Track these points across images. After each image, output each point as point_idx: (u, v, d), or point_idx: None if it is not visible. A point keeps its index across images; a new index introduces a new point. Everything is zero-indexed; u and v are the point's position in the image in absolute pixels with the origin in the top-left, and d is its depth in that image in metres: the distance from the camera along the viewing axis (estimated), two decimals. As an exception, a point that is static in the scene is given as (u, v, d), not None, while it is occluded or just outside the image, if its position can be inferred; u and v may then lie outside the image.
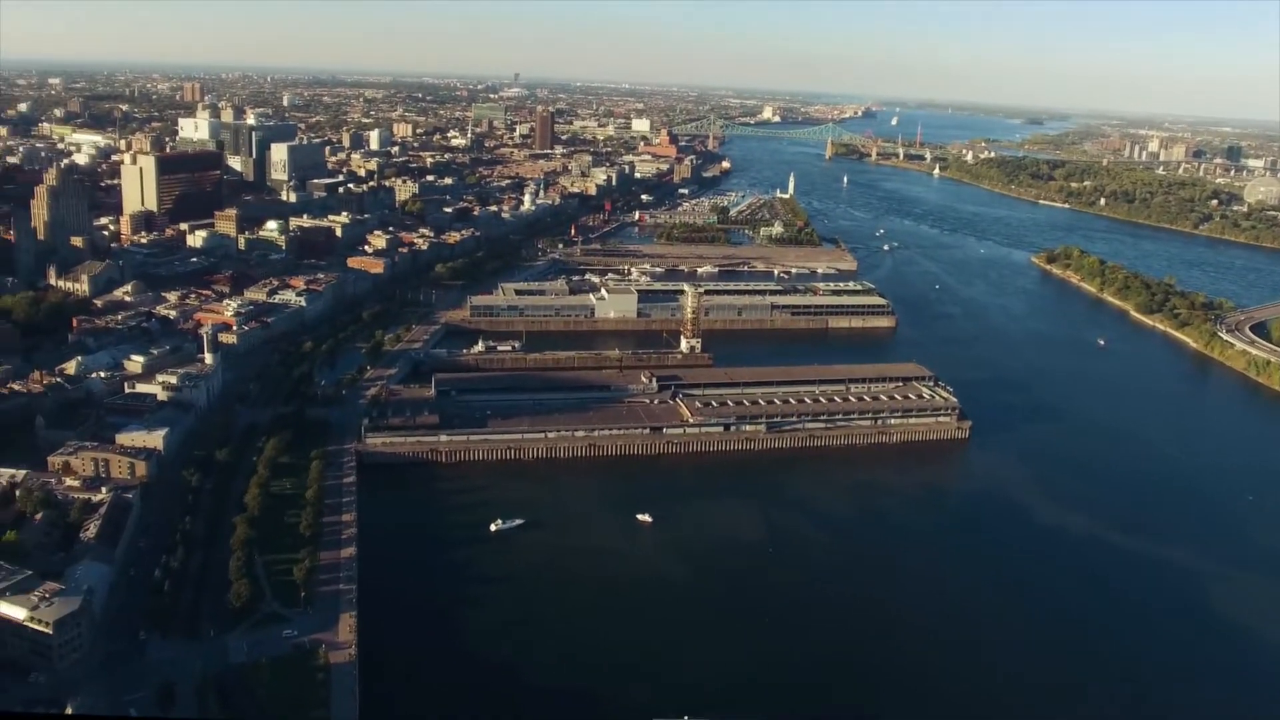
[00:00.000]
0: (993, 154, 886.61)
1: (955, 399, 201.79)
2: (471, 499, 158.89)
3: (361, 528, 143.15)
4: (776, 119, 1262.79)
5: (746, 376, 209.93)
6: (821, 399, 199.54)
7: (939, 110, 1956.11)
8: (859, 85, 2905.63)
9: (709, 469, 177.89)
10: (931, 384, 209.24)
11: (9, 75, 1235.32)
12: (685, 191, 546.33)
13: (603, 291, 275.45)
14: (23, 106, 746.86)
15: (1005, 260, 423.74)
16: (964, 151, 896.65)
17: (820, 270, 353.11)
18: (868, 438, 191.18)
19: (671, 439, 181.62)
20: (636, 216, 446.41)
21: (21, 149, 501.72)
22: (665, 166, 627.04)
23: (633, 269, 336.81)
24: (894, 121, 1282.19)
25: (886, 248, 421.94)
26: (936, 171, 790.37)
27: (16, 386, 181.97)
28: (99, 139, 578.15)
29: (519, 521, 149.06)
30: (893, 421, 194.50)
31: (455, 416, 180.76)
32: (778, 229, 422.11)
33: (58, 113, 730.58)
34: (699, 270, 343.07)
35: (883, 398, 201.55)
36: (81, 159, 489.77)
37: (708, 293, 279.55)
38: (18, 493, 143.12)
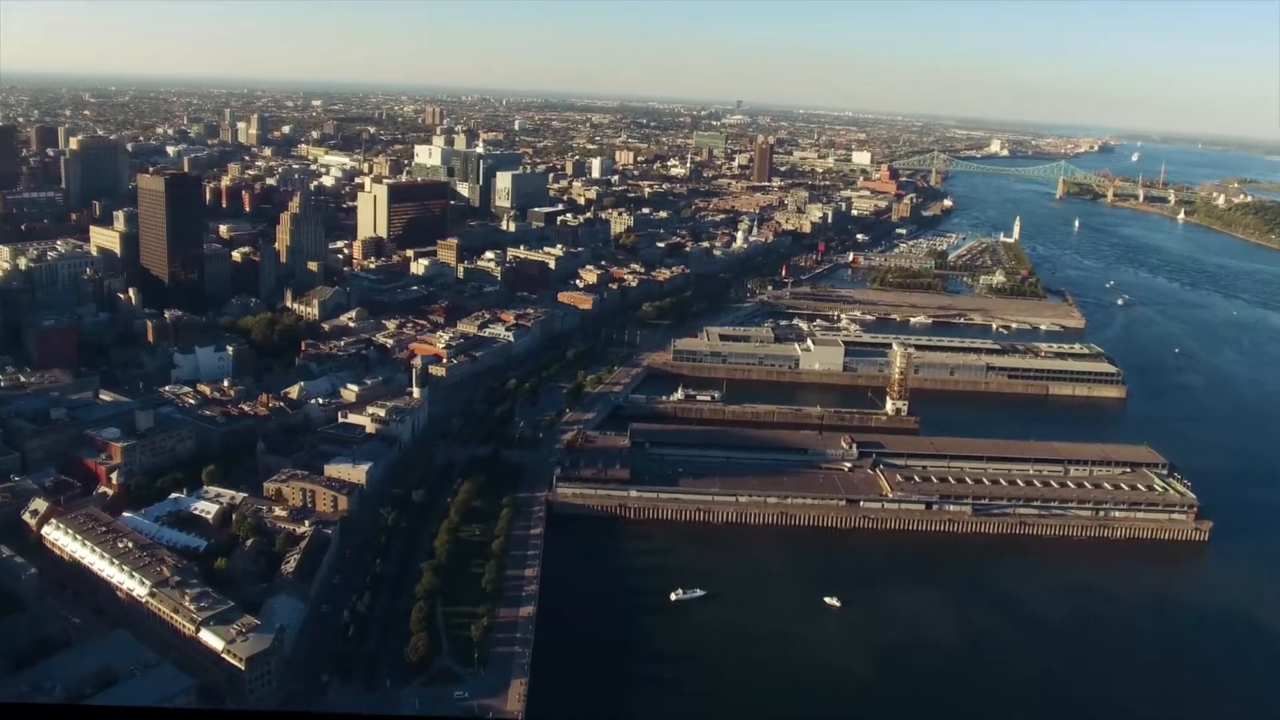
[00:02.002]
0: (1249, 197, 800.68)
1: (1193, 494, 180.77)
2: (654, 561, 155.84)
3: (543, 584, 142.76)
4: (1004, 153, 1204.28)
5: (953, 448, 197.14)
6: (1036, 481, 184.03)
7: (1188, 145, 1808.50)
8: (1096, 115, 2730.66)
9: (906, 550, 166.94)
10: (1165, 473, 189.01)
11: (279, 97, 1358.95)
12: (903, 231, 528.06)
13: (809, 342, 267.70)
14: (286, 128, 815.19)
15: (1261, 324, 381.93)
16: (1214, 194, 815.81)
17: (1043, 327, 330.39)
18: (1087, 530, 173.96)
19: (868, 513, 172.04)
20: (850, 258, 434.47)
21: (280, 170, 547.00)
22: (883, 204, 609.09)
23: (842, 315, 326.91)
24: (1134, 158, 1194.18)
25: (1120, 302, 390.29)
26: (1181, 216, 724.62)
27: (246, 408, 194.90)
28: (346, 161, 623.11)
29: (700, 593, 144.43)
30: (1117, 514, 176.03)
31: (647, 471, 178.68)
32: (999, 278, 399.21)
33: (314, 134, 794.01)
34: (911, 320, 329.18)
35: (1107, 485, 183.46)
36: (329, 180, 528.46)
37: (918, 348, 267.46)
38: (234, 516, 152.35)
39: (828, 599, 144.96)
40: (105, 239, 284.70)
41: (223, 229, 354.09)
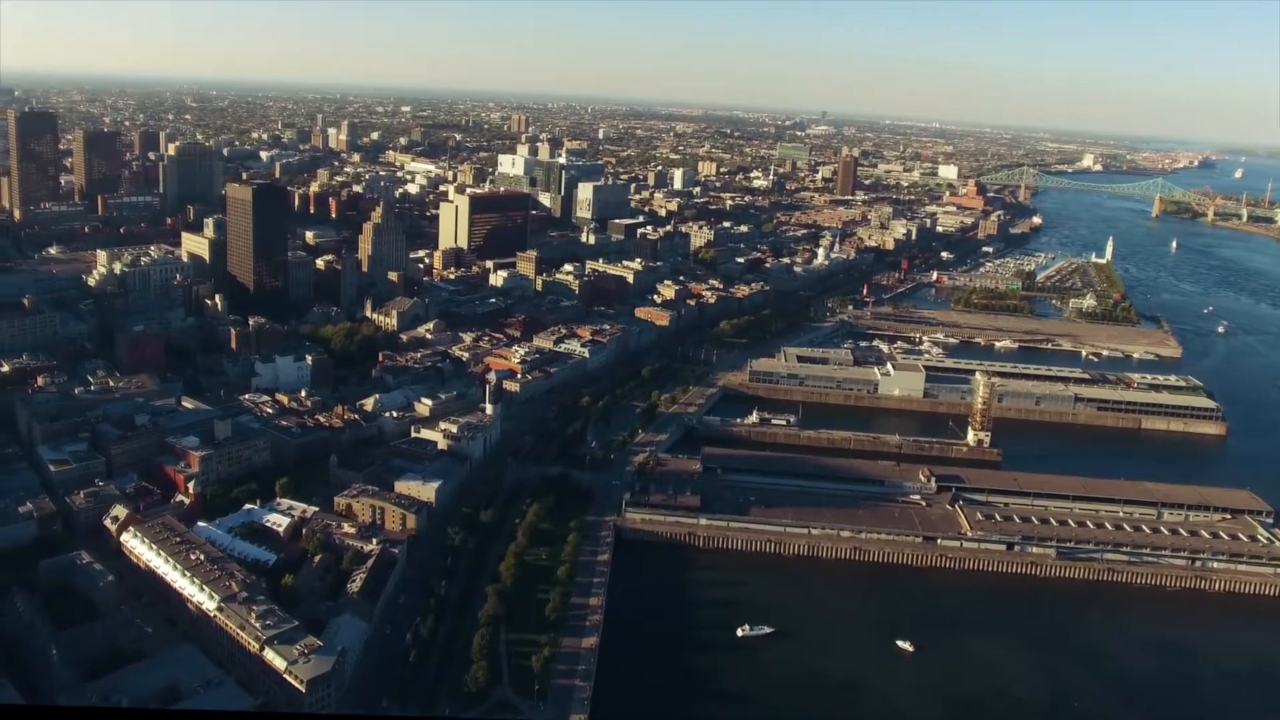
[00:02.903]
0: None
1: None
2: (722, 594, 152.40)
3: (608, 613, 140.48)
4: (1097, 168, 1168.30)
5: (1038, 485, 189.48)
6: (1126, 525, 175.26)
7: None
8: (1197, 129, 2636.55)
9: (985, 593, 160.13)
10: (1271, 522, 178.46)
11: (370, 102, 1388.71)
12: (989, 250, 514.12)
13: (889, 366, 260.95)
14: (375, 135, 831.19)
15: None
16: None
17: (1136, 356, 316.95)
18: (1181, 581, 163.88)
19: (946, 552, 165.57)
20: (934, 277, 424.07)
21: (366, 177, 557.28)
22: (970, 220, 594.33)
23: (924, 338, 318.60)
24: (1238, 174, 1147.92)
25: (1220, 330, 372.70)
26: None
27: (321, 419, 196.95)
28: (431, 168, 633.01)
29: (767, 629, 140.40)
30: (1215, 565, 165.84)
31: (718, 499, 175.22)
32: (1089, 301, 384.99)
33: (402, 140, 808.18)
34: (996, 345, 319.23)
35: (1204, 533, 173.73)
36: (413, 188, 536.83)
37: (1002, 375, 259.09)
38: (304, 531, 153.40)
39: (900, 642, 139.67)
40: (195, 245, 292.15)
41: (309, 235, 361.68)
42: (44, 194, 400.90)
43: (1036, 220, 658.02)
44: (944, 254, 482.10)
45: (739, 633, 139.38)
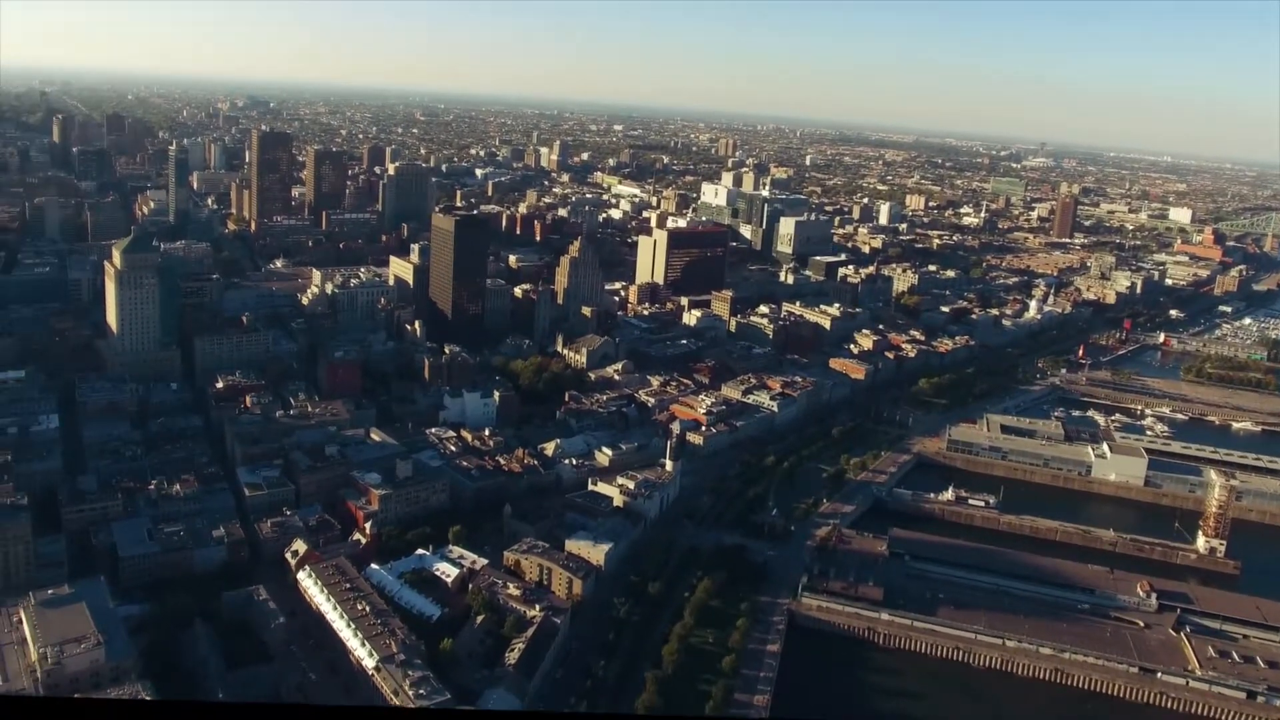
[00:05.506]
0: None
1: None
2: (900, 705, 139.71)
3: (772, 712, 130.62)
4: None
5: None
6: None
7: None
8: None
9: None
10: None
11: (585, 119, 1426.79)
12: (1227, 309, 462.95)
13: (1105, 447, 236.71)
14: (585, 155, 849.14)
15: None
16: None
17: None
18: None
19: (1168, 690, 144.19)
20: (1161, 339, 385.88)
21: (573, 199, 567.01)
22: (1204, 273, 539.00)
23: (1147, 411, 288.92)
24: None
25: None
26: None
27: (502, 461, 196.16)
28: (637, 192, 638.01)
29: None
30: None
31: (903, 591, 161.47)
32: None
33: (611, 161, 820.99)
34: (1234, 426, 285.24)
35: None
36: (617, 213, 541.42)
37: (1242, 467, 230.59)
38: (470, 586, 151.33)
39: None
40: (401, 269, 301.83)
41: (512, 259, 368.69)
42: (278, 207, 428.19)
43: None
44: (1173, 312, 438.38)
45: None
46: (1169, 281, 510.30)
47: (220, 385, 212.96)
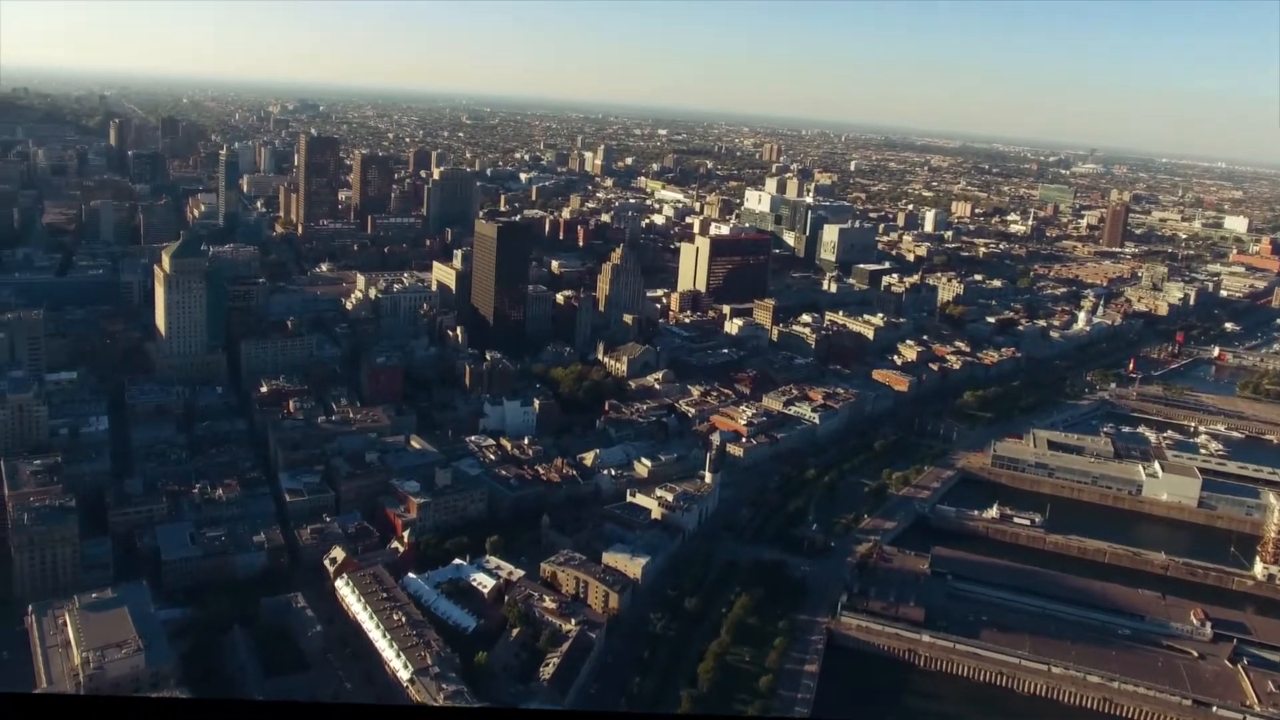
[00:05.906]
0: None
1: None
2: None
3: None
4: None
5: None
6: None
7: None
8: None
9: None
10: None
11: (629, 124, 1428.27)
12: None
13: (1156, 466, 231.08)
14: (629, 159, 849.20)
15: None
16: None
17: None
18: None
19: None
20: (1215, 353, 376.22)
21: (617, 205, 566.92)
22: (1262, 284, 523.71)
23: (1200, 428, 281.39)
24: None
25: None
26: None
27: (540, 470, 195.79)
28: (680, 197, 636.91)
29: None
30: None
31: (945, 613, 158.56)
32: None
33: (654, 166, 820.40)
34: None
35: None
36: (659, 219, 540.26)
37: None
38: (507, 598, 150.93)
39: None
40: (444, 274, 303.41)
41: (554, 264, 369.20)
42: (324, 210, 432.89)
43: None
44: (1228, 325, 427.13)
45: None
46: (1224, 293, 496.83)
47: (264, 389, 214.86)
